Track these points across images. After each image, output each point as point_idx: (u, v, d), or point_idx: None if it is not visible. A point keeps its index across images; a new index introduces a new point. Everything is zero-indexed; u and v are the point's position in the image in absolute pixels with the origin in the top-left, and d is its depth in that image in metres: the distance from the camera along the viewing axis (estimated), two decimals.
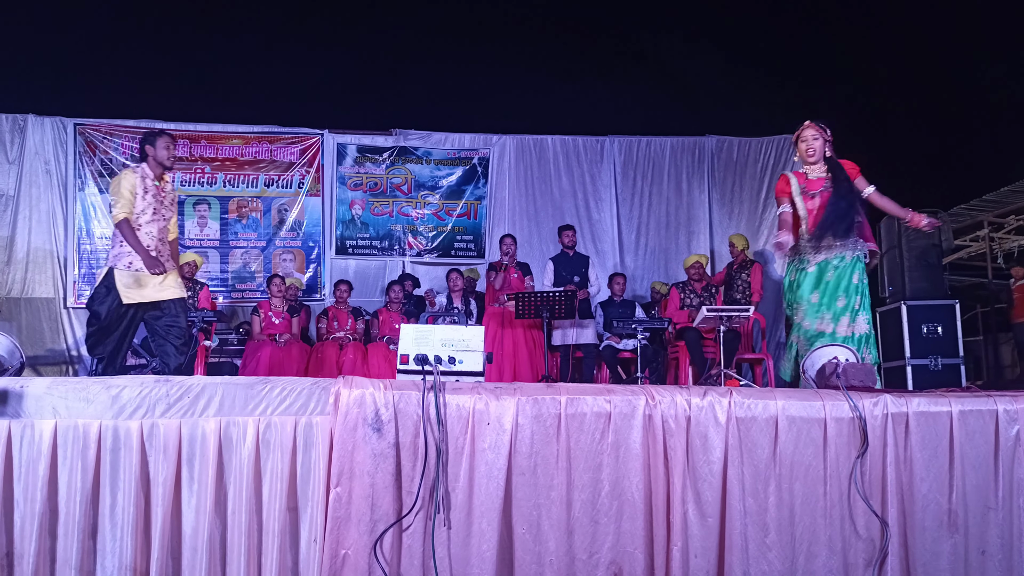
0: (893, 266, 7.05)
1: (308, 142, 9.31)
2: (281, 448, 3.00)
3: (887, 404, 3.37)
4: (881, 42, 8.84)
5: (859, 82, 9.09)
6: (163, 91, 8.92)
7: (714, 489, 3.19)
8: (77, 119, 8.90)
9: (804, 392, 3.49)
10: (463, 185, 9.51)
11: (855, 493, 3.27)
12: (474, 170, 9.52)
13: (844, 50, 9.11)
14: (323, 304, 8.89)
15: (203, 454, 2.96)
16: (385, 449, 3.02)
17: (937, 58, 8.47)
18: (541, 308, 6.61)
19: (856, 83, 9.10)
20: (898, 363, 6.76)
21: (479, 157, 9.54)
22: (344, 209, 9.35)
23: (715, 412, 3.25)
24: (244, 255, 9.15)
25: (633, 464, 3.16)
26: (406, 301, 8.28)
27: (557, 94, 9.28)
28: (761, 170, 9.49)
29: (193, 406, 3.02)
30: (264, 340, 7.58)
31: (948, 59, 8.50)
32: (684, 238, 9.48)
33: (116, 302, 4.89)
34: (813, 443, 3.29)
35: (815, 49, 9.19)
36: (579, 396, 3.20)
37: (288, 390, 3.07)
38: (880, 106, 9.08)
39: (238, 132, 9.23)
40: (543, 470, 3.10)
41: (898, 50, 8.56)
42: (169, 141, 5.16)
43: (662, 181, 9.56)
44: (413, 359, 3.39)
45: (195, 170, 9.10)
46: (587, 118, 9.46)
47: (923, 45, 8.40)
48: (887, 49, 8.70)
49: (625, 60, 9.78)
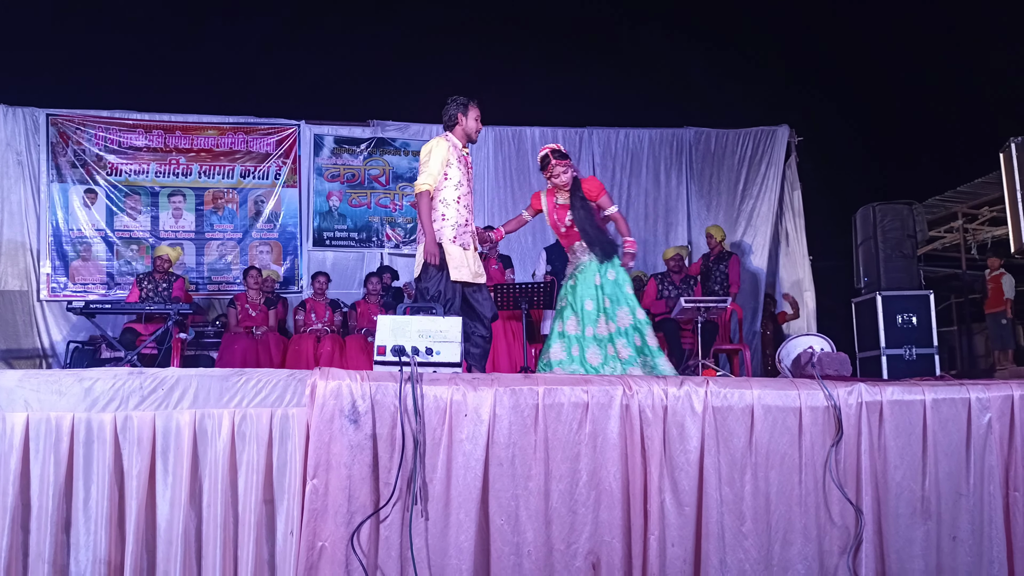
0: (868, 257, 7.11)
1: (284, 133, 9.25)
2: (257, 440, 2.99)
3: (861, 393, 3.40)
4: (858, 34, 8.91)
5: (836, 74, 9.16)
6: (137, 81, 8.82)
7: (691, 478, 3.21)
8: (50, 110, 8.77)
9: (780, 381, 3.52)
10: None
11: (830, 481, 3.31)
12: None
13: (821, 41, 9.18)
14: (300, 296, 8.84)
15: (177, 447, 2.94)
16: (362, 440, 3.01)
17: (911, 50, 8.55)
18: (520, 299, 6.61)
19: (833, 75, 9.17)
20: (873, 353, 6.83)
21: None
22: (321, 200, 9.30)
23: (692, 402, 3.27)
24: (220, 247, 9.08)
25: (611, 454, 3.17)
26: (384, 293, 8.25)
27: (537, 85, 9.28)
28: (739, 162, 9.53)
29: (167, 398, 3.00)
30: (240, 333, 7.53)
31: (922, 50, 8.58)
32: (663, 229, 9.51)
33: (447, 279, 4.59)
34: (788, 432, 3.32)
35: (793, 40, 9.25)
36: (557, 387, 3.21)
37: (264, 382, 3.06)
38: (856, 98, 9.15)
39: (213, 123, 9.14)
40: (521, 461, 3.11)
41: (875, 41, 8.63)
42: (479, 111, 4.85)
43: (641, 173, 9.57)
44: (390, 350, 3.38)
45: (170, 161, 9.00)
46: (566, 109, 9.46)
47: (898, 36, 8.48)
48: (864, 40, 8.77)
49: (604, 51, 9.79)
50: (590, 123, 9.57)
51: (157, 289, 7.46)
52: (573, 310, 4.81)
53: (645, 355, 4.75)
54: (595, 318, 4.75)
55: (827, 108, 9.23)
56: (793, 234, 9.30)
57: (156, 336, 6.45)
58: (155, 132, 8.98)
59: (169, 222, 9.00)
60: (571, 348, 4.77)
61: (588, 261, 4.82)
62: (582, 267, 4.85)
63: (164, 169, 9.00)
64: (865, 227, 7.24)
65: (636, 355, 4.74)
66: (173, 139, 9.05)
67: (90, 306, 6.30)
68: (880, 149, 9.02)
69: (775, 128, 9.46)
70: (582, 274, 4.82)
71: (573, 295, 4.84)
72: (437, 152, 4.64)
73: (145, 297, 7.36)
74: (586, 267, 4.82)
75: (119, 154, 8.89)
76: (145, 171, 8.95)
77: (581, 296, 4.79)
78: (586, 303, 4.77)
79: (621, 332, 4.75)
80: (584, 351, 4.73)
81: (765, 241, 9.24)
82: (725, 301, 6.62)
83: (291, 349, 7.47)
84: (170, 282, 7.54)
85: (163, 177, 9.00)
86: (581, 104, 9.56)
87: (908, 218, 7.04)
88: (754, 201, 9.39)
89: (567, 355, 4.77)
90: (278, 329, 8.00)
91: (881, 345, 6.70)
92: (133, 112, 8.94)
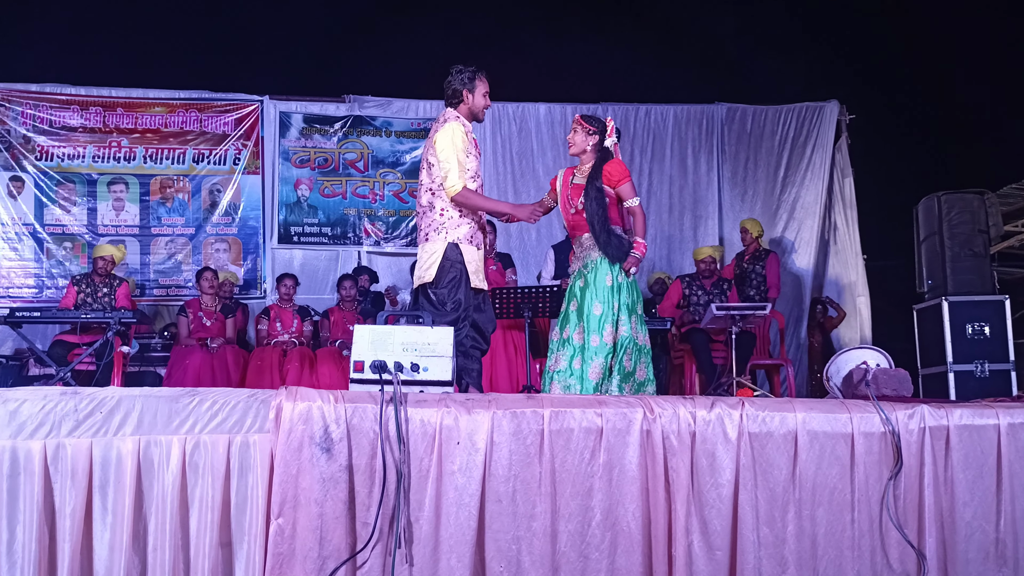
0: (932, 256, 7.12)
1: (245, 110, 9.26)
2: (212, 472, 2.99)
3: (924, 417, 3.40)
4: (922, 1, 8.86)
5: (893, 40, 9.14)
6: (71, 49, 8.81)
7: (723, 517, 3.21)
8: None
9: (828, 403, 3.52)
10: None
11: (887, 521, 3.30)
12: None
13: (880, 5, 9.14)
14: (263, 303, 8.85)
15: (119, 480, 2.94)
16: (336, 473, 3.01)
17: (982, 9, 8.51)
18: (522, 306, 6.62)
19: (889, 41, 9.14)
20: (938, 369, 6.83)
21: None
22: (288, 190, 9.31)
23: (724, 427, 3.27)
24: (169, 244, 9.09)
25: (629, 488, 3.17)
26: (362, 299, 8.25)
27: (541, 54, 9.26)
28: (780, 143, 9.54)
29: (107, 423, 2.99)
30: (193, 345, 7.54)
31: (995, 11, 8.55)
32: (690, 223, 9.52)
33: (467, 286, 4.67)
34: (839, 462, 3.32)
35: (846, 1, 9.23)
36: (565, 409, 3.21)
37: (221, 404, 3.06)
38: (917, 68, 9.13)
39: (161, 98, 9.16)
40: (523, 496, 3.11)
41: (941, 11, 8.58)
42: (488, 86, 4.84)
43: (664, 157, 9.58)
44: (369, 366, 3.38)
45: (110, 143, 9.01)
46: (577, 82, 9.44)
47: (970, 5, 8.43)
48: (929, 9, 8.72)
49: (621, 12, 9.78)
50: (604, 98, 9.57)
51: (96, 294, 7.47)
52: (580, 315, 4.82)
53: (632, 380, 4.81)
54: (602, 325, 4.76)
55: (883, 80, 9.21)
56: (844, 228, 9.30)
57: (94, 349, 6.46)
58: (92, 109, 9.00)
59: (109, 215, 9.00)
60: (573, 359, 4.78)
61: (599, 258, 4.82)
62: (592, 264, 4.85)
63: (103, 153, 9.01)
64: (929, 220, 7.24)
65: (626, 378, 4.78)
66: (114, 117, 9.06)
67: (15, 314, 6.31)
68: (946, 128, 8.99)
69: (822, 104, 9.47)
70: (592, 273, 4.82)
71: (581, 297, 4.84)
72: (457, 139, 4.64)
73: (81, 303, 7.36)
74: (597, 265, 4.82)
75: (50, 135, 8.91)
76: (81, 155, 8.96)
77: (590, 299, 4.80)
78: (594, 307, 4.77)
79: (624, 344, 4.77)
80: (586, 365, 4.74)
81: (811, 237, 9.25)
82: (764, 308, 6.63)
83: (252, 365, 7.47)
84: (112, 286, 7.55)
85: (102, 162, 9.01)
86: (593, 75, 9.54)
87: (979, 210, 7.04)
88: (797, 190, 9.40)
89: (567, 365, 4.78)
90: (237, 341, 8.00)
91: (948, 360, 6.71)
92: (67, 86, 8.95)
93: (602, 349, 4.73)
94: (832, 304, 8.99)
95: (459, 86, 4.78)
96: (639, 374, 4.81)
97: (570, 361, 4.79)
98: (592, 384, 4.71)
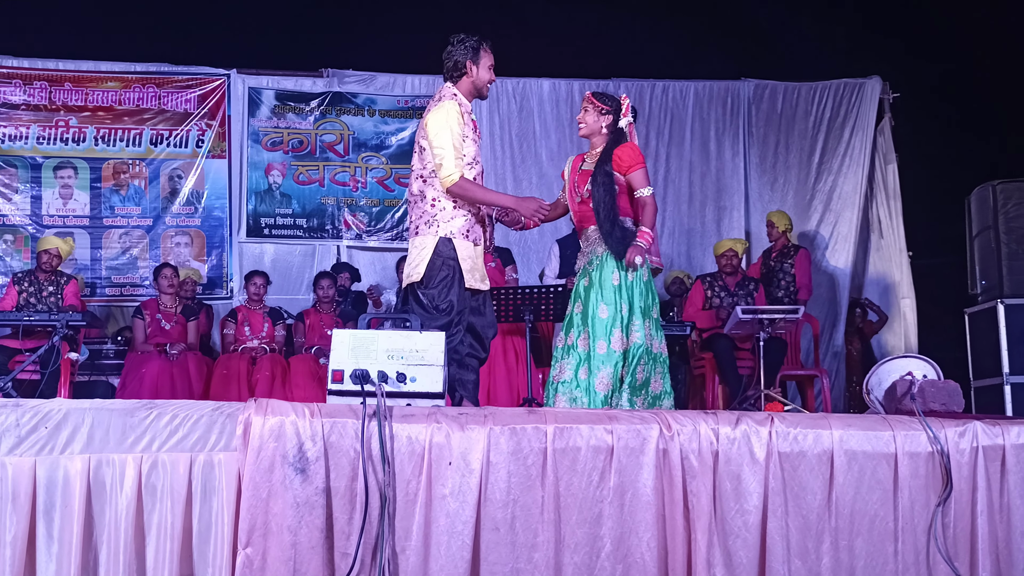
0: (987, 253, 7.11)
1: (210, 86, 9.26)
2: (171, 495, 2.99)
3: (977, 435, 3.40)
4: None
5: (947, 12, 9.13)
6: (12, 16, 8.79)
7: (749, 548, 3.21)
8: None
9: (868, 419, 3.52)
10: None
11: (935, 552, 3.31)
12: None
13: None
14: (230, 304, 8.85)
15: (66, 504, 2.94)
16: (311, 496, 3.01)
17: None
18: (523, 309, 6.61)
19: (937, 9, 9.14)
20: (993, 381, 6.83)
21: None
22: (258, 176, 9.31)
23: (751, 446, 3.27)
24: (123, 237, 9.09)
25: (643, 515, 3.17)
26: (342, 299, 8.25)
27: (545, 21, 9.24)
28: (814, 125, 9.53)
29: (53, 439, 2.99)
30: (150, 351, 7.53)
31: None
32: (712, 215, 9.51)
33: (461, 285, 4.62)
34: (880, 486, 3.32)
35: None
36: (571, 425, 3.21)
37: (181, 418, 3.06)
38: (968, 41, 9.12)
39: (115, 72, 9.15)
40: (523, 524, 3.11)
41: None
42: (492, 58, 4.79)
43: (684, 140, 9.58)
44: (350, 376, 3.38)
45: (56, 123, 9.01)
46: (584, 55, 9.43)
47: None
48: None
49: None
50: (616, 73, 9.57)
51: (41, 294, 7.46)
52: (584, 319, 4.82)
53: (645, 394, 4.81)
54: (609, 330, 4.75)
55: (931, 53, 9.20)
56: (887, 222, 9.29)
57: (38, 356, 6.44)
58: (37, 84, 9.00)
59: (55, 204, 9.00)
60: (579, 369, 4.78)
61: (605, 253, 4.82)
62: (597, 261, 4.86)
63: (49, 134, 9.01)
64: (983, 213, 7.24)
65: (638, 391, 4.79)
66: (61, 93, 9.05)
67: None
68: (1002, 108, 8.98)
69: (863, 81, 9.46)
70: (597, 271, 4.82)
71: (585, 298, 4.85)
72: (452, 120, 4.59)
73: (24, 304, 7.36)
74: (603, 261, 4.82)
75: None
76: (23, 136, 8.96)
77: (595, 300, 4.80)
78: (600, 309, 4.77)
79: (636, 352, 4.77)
80: (592, 376, 4.74)
81: (850, 231, 9.23)
82: (796, 311, 6.63)
83: (217, 374, 7.47)
84: (58, 284, 7.54)
85: (47, 144, 9.01)
86: (603, 47, 9.53)
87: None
88: (834, 178, 9.39)
89: (573, 376, 4.78)
90: (200, 347, 7.99)
91: (1004, 370, 6.71)
92: (7, 57, 8.95)
93: (610, 357, 4.72)
94: (872, 307, 8.99)
95: (460, 57, 4.73)
96: (654, 386, 4.80)
97: (576, 371, 4.78)
98: (601, 397, 4.70)
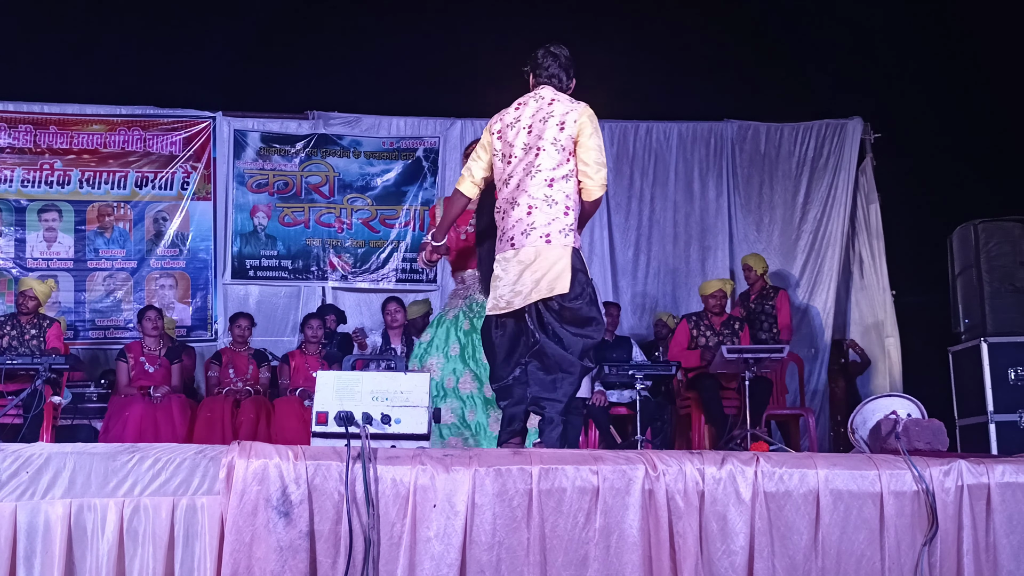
0: (969, 291, 7.15)
1: (195, 128, 9.29)
2: (153, 540, 2.97)
3: (962, 473, 3.41)
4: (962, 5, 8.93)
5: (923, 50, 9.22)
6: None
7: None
8: None
9: (854, 458, 3.53)
10: (404, 185, 9.53)
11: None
12: (419, 165, 9.54)
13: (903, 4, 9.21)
14: (214, 346, 8.83)
15: (47, 549, 2.92)
16: (295, 540, 2.99)
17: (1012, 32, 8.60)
18: None
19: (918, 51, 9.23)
20: (977, 419, 6.84)
21: (425, 148, 9.57)
22: (244, 218, 9.32)
23: (737, 486, 3.27)
24: (107, 280, 9.07)
25: (629, 557, 3.16)
26: (327, 342, 8.23)
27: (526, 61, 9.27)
28: (797, 165, 9.59)
29: (34, 484, 2.98)
30: (134, 394, 7.50)
31: None
32: (697, 255, 9.54)
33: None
34: (866, 526, 3.32)
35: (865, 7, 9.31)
36: (556, 466, 3.21)
37: (164, 461, 3.05)
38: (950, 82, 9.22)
39: (100, 115, 9.18)
40: (509, 566, 3.10)
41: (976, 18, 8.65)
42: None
43: (668, 180, 9.63)
44: (334, 418, 3.38)
45: (41, 166, 9.01)
46: None
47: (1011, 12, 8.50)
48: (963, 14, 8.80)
49: (620, 20, 9.85)
50: (600, 115, 9.53)
51: (22, 337, 7.42)
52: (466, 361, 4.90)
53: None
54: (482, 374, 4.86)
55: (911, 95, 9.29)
56: (869, 261, 9.33)
57: (20, 400, 6.40)
58: (22, 127, 9.01)
59: (39, 247, 8.99)
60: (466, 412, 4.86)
61: (482, 300, 4.87)
62: (476, 305, 4.93)
63: (33, 176, 9.01)
64: (965, 252, 7.29)
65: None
66: (46, 136, 9.07)
67: None
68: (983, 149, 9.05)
69: (844, 121, 9.52)
70: (480, 318, 4.87)
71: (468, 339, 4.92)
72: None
73: (6, 348, 7.32)
74: (481, 306, 4.88)
75: None
76: (8, 179, 8.95)
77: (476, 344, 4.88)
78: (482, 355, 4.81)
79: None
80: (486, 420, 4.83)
81: (833, 270, 9.27)
82: (781, 350, 6.65)
83: (201, 416, 7.44)
84: (41, 327, 7.51)
85: (32, 187, 9.01)
86: (587, 88, 9.57)
87: (1021, 239, 7.09)
88: (819, 217, 9.42)
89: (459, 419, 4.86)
90: (184, 390, 7.96)
91: (988, 409, 6.72)
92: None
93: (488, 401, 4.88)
94: (855, 348, 9.00)
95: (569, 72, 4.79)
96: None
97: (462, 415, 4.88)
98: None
